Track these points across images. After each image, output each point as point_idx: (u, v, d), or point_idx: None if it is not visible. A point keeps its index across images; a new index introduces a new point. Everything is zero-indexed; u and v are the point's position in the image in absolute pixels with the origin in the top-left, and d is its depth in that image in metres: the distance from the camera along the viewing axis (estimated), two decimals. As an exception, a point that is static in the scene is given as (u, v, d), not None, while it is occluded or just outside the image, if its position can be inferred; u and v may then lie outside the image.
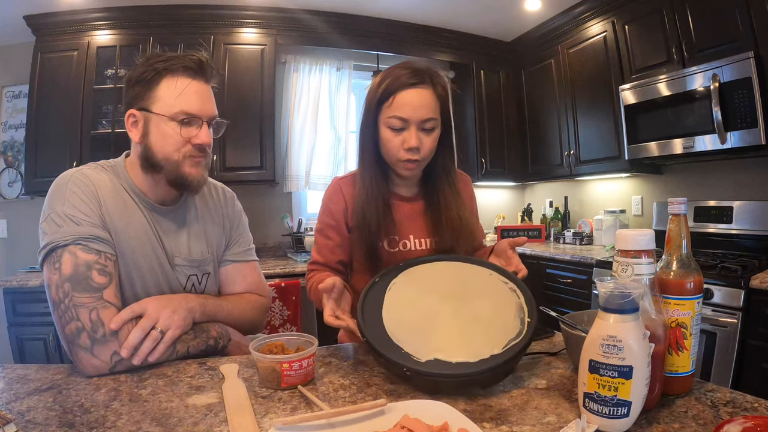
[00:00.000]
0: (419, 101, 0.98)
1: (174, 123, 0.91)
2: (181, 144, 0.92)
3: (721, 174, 2.40)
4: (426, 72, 1.01)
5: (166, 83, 0.91)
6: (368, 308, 0.83)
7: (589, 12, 2.76)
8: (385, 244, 1.08)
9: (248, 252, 1.14)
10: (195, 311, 0.92)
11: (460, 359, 0.71)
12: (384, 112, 1.01)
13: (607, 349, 0.56)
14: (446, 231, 1.09)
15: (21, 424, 0.63)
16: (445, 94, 1.04)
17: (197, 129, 0.93)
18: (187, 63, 0.92)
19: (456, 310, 0.82)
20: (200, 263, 1.03)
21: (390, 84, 0.99)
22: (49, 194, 0.90)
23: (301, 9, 2.82)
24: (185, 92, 0.91)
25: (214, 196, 1.11)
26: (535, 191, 3.78)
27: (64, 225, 0.85)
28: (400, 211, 1.11)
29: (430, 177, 1.12)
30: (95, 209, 0.89)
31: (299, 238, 2.92)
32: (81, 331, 0.81)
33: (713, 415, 0.61)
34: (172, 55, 0.93)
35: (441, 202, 1.10)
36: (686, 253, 0.68)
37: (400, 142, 1.00)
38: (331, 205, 1.12)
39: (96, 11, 2.61)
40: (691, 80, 2.10)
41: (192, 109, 0.91)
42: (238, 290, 1.09)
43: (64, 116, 2.57)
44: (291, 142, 3.06)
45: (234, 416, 0.63)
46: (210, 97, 0.96)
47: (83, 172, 0.93)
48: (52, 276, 0.84)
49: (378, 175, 1.08)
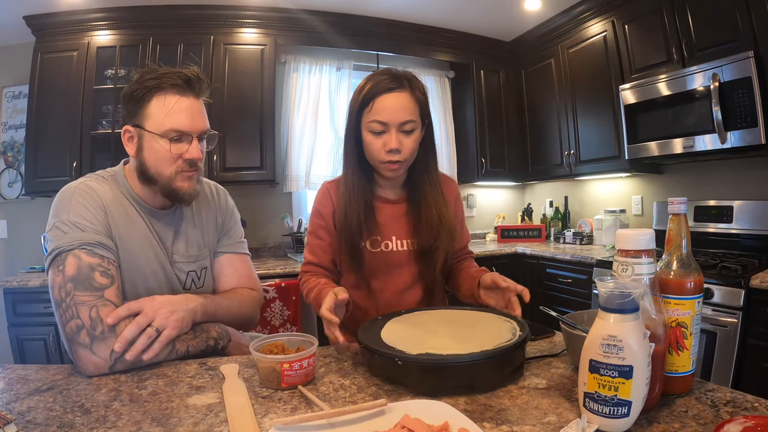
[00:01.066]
0: (397, 105, 1.02)
1: (164, 140, 0.93)
2: (172, 160, 0.95)
3: (721, 174, 2.40)
4: (404, 77, 1.05)
5: (156, 101, 0.93)
6: (368, 329, 0.87)
7: (589, 12, 2.76)
8: (367, 244, 1.12)
9: (240, 245, 1.17)
10: (196, 312, 0.93)
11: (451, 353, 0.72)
12: (365, 117, 1.05)
13: (607, 348, 0.56)
14: (425, 229, 1.12)
15: (21, 424, 0.63)
16: (423, 97, 1.08)
17: (187, 145, 0.96)
18: (175, 80, 0.94)
19: (450, 330, 0.87)
20: (197, 258, 1.07)
21: (369, 90, 1.04)
22: (54, 205, 0.92)
23: (301, 9, 2.82)
24: (174, 109, 0.93)
25: (207, 193, 1.15)
26: (535, 191, 3.78)
27: (70, 231, 0.88)
28: (383, 213, 1.14)
29: (413, 178, 1.15)
30: (101, 218, 0.92)
31: (299, 238, 2.92)
32: (81, 328, 0.82)
33: (713, 415, 0.61)
34: (162, 72, 0.95)
35: (422, 200, 1.13)
36: (686, 253, 0.68)
37: (381, 145, 1.04)
38: (320, 208, 1.17)
39: (96, 11, 2.61)
40: (691, 80, 2.10)
41: (181, 126, 0.94)
42: (229, 282, 1.12)
43: (64, 116, 2.57)
44: (291, 142, 3.06)
45: (234, 416, 0.63)
46: (200, 112, 0.98)
47: (87, 184, 0.95)
48: (55, 277, 0.86)
49: (361, 178, 1.12)
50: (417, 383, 0.72)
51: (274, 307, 2.36)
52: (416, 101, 1.05)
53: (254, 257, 2.93)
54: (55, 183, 2.54)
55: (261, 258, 2.95)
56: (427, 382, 0.71)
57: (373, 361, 0.77)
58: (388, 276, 1.14)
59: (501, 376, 0.74)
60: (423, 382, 0.71)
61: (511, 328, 0.84)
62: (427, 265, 1.15)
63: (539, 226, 3.33)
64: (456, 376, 0.70)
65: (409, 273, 1.15)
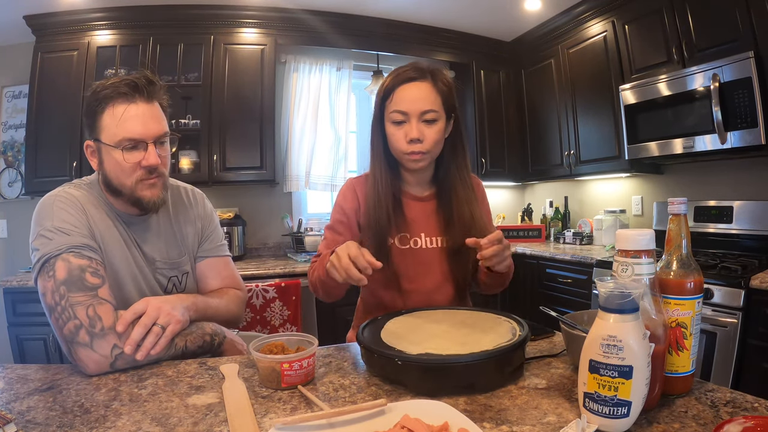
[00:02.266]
0: (417, 94, 1.02)
1: (118, 151, 0.93)
2: (131, 170, 0.94)
3: (721, 174, 2.40)
4: (426, 69, 1.05)
5: (108, 112, 0.93)
6: (368, 329, 0.88)
7: (589, 12, 2.76)
8: (396, 241, 1.10)
9: (220, 248, 1.18)
10: (190, 309, 0.95)
11: (451, 353, 0.72)
12: (387, 108, 1.05)
13: (607, 348, 0.56)
14: (457, 227, 1.10)
15: (21, 424, 0.63)
16: (447, 89, 1.07)
17: (143, 152, 0.94)
18: (121, 88, 0.93)
19: (450, 329, 0.87)
20: (178, 264, 1.08)
21: (391, 81, 1.05)
22: (35, 215, 0.92)
23: (301, 9, 2.82)
24: (123, 118, 0.92)
25: (184, 198, 1.15)
26: (535, 191, 3.78)
27: (56, 237, 0.88)
28: (412, 210, 1.13)
29: (444, 176, 1.14)
30: (84, 222, 0.93)
31: (299, 238, 2.92)
32: (79, 328, 0.82)
33: (713, 415, 0.61)
34: (111, 81, 0.94)
35: (453, 199, 1.12)
36: (686, 253, 0.68)
37: (402, 135, 1.04)
38: (343, 203, 1.16)
39: (96, 11, 2.61)
40: (691, 80, 2.10)
41: (133, 134, 0.92)
42: (214, 285, 1.13)
43: (64, 116, 2.57)
44: (291, 142, 3.06)
45: (234, 416, 0.63)
46: (153, 116, 0.95)
47: (66, 191, 0.96)
48: (46, 284, 0.85)
49: (388, 172, 1.11)
50: (417, 383, 0.72)
51: (274, 307, 2.36)
52: (438, 92, 1.04)
53: (254, 257, 2.96)
54: (55, 183, 2.50)
55: (261, 258, 2.95)
56: (427, 382, 0.71)
57: (373, 361, 0.77)
58: (419, 275, 1.12)
59: (501, 376, 0.74)
60: (423, 382, 0.71)
61: (510, 328, 0.84)
62: (459, 263, 1.11)
63: (539, 227, 3.33)
64: (456, 376, 0.70)
65: (440, 271, 1.13)
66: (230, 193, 2.97)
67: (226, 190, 2.94)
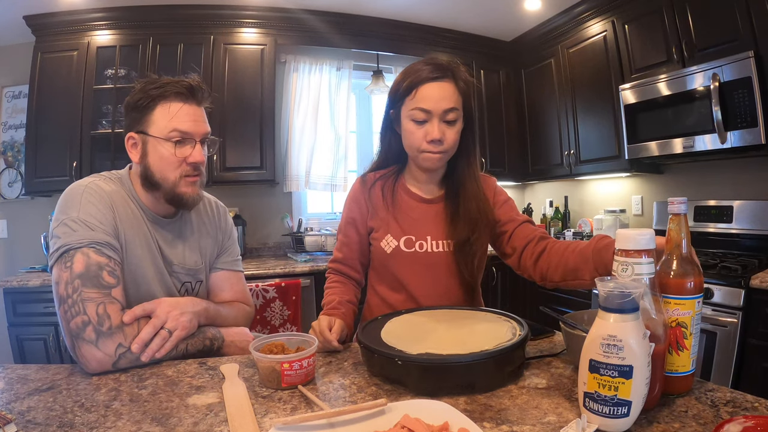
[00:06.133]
0: (441, 94, 1.01)
1: (169, 143, 0.96)
2: (177, 163, 0.98)
3: (721, 174, 2.40)
4: (448, 67, 1.04)
5: (160, 108, 0.97)
6: (368, 329, 0.88)
7: (589, 12, 2.76)
8: (401, 243, 1.09)
9: (236, 262, 1.21)
10: (201, 315, 0.97)
11: (451, 353, 0.72)
12: (407, 105, 1.04)
13: (607, 348, 0.56)
14: (463, 220, 1.08)
15: (21, 424, 0.63)
16: (467, 88, 1.06)
17: (191, 148, 0.98)
18: (179, 89, 0.97)
19: (449, 328, 0.87)
20: (195, 272, 1.10)
21: (413, 79, 1.03)
22: (61, 202, 0.93)
23: (301, 9, 2.82)
24: (178, 114, 0.97)
25: (208, 210, 1.17)
26: (535, 191, 3.78)
27: (80, 229, 0.89)
28: (417, 211, 1.12)
29: (453, 172, 1.13)
30: (110, 219, 0.93)
31: (299, 238, 2.92)
32: (87, 324, 0.83)
33: (713, 415, 0.61)
34: (165, 81, 0.98)
35: (461, 194, 1.11)
36: (686, 253, 0.68)
37: (422, 134, 1.03)
38: (352, 204, 1.16)
39: (96, 11, 2.61)
40: (691, 80, 2.10)
41: (184, 127, 0.97)
42: (226, 297, 1.15)
43: (64, 116, 2.57)
44: (291, 142, 3.06)
45: (234, 416, 0.63)
46: (202, 117, 1.01)
47: (97, 183, 0.97)
48: (62, 274, 0.86)
49: (396, 170, 1.14)
50: (417, 383, 0.72)
51: (274, 307, 2.36)
52: (460, 92, 1.04)
53: (254, 257, 2.96)
54: (55, 183, 2.55)
55: (261, 258, 2.95)
56: (427, 381, 0.71)
57: (373, 361, 0.77)
58: (426, 279, 1.10)
59: (501, 376, 0.74)
60: (423, 382, 0.71)
61: (510, 328, 0.84)
62: (464, 258, 1.09)
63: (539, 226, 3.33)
64: (456, 376, 0.70)
65: (448, 274, 1.11)
66: (230, 193, 2.97)
67: (226, 189, 2.94)
